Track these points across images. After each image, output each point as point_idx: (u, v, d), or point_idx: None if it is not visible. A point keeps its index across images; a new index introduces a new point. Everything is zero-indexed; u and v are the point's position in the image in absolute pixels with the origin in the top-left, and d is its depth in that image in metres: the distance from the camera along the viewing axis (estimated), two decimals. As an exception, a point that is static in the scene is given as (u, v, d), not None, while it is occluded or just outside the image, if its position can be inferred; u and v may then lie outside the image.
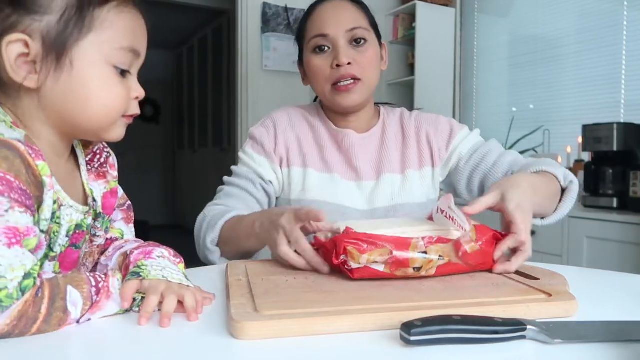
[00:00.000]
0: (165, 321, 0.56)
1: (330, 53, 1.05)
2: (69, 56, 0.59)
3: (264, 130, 1.13)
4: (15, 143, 0.54)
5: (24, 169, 0.54)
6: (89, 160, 0.71)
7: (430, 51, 3.45)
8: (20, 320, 0.50)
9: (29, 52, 0.57)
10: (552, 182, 0.94)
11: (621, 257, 2.11)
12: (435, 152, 1.13)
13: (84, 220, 0.66)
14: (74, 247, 0.66)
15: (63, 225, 0.62)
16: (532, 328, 0.51)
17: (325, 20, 1.05)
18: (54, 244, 0.62)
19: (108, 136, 0.66)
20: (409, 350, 0.48)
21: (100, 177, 0.71)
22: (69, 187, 0.64)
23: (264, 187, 1.10)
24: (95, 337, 0.53)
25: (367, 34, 1.07)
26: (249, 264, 0.80)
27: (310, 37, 1.06)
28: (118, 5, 0.62)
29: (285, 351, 0.49)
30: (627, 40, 2.64)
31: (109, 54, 0.61)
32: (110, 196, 0.72)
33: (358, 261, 0.66)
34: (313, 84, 1.10)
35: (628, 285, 0.75)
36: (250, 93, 3.35)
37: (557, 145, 2.93)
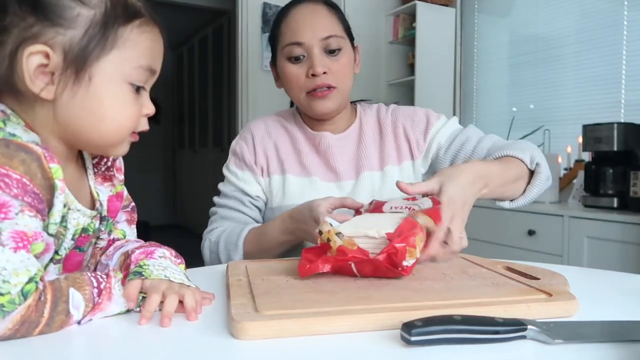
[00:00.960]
0: (166, 321, 0.56)
1: (305, 62, 1.05)
2: (89, 72, 0.58)
3: (243, 143, 1.15)
4: (34, 147, 0.54)
5: (40, 172, 0.54)
6: (95, 163, 0.71)
7: (430, 51, 3.45)
8: (22, 324, 0.50)
9: (49, 64, 0.57)
10: (515, 166, 0.94)
11: (621, 257, 2.11)
12: (413, 144, 1.13)
13: (91, 224, 0.66)
14: (78, 250, 0.66)
15: (69, 228, 0.62)
16: (533, 328, 0.51)
17: (300, 26, 1.04)
18: (60, 247, 0.62)
19: (114, 152, 0.66)
20: (410, 350, 0.48)
21: (106, 180, 0.71)
22: (77, 192, 0.64)
23: (254, 203, 1.12)
24: (96, 336, 0.53)
25: (341, 41, 1.06)
26: (249, 263, 0.80)
27: (285, 44, 1.06)
28: (141, 24, 0.62)
29: (285, 351, 0.49)
30: (627, 40, 2.64)
31: (128, 72, 0.61)
32: (116, 199, 0.72)
33: (415, 255, 0.67)
34: (288, 90, 1.10)
35: (628, 285, 0.75)
36: (250, 93, 3.35)
37: (557, 145, 2.93)
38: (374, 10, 3.61)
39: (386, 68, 3.69)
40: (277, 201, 1.10)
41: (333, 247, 0.69)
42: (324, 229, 0.71)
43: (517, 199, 0.98)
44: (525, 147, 0.99)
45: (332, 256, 0.69)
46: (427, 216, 0.72)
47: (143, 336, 0.54)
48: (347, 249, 0.68)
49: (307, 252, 0.71)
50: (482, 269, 0.76)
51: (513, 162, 0.95)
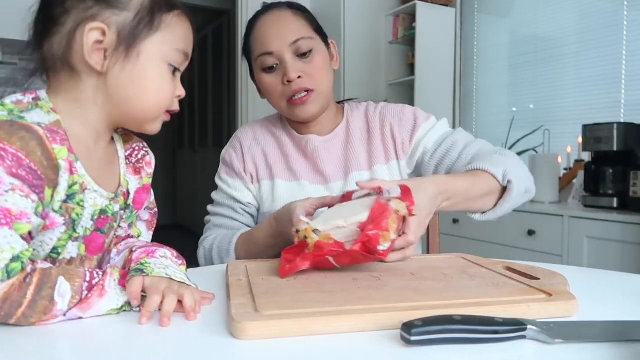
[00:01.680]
0: (165, 320, 0.56)
1: (279, 69, 1.04)
2: (137, 49, 0.66)
3: (232, 151, 1.16)
4: (34, 126, 0.59)
5: (40, 151, 0.58)
6: (127, 155, 0.76)
7: (430, 51, 3.45)
8: (4, 302, 0.53)
9: (104, 40, 0.64)
10: (485, 181, 0.94)
11: (621, 257, 2.11)
12: (398, 144, 1.12)
13: (109, 206, 0.69)
14: (99, 232, 0.69)
15: (86, 208, 0.66)
16: (533, 328, 0.51)
17: (267, 35, 1.04)
18: (77, 226, 0.65)
19: (150, 127, 0.72)
20: (410, 350, 0.48)
21: (136, 173, 0.76)
22: (102, 173, 0.69)
23: (246, 210, 1.13)
24: (96, 336, 0.54)
25: (311, 42, 1.05)
26: (249, 263, 0.80)
27: (257, 56, 1.06)
28: (179, 14, 0.70)
29: (285, 351, 0.49)
30: (627, 40, 2.64)
31: (168, 53, 0.68)
32: (143, 192, 0.77)
33: (389, 238, 0.69)
34: (269, 100, 1.11)
35: (628, 285, 0.75)
36: (250, 93, 3.35)
37: (557, 145, 2.93)
38: (374, 10, 3.61)
39: (386, 68, 3.69)
40: (267, 206, 1.11)
41: (310, 244, 0.71)
42: (300, 227, 0.73)
43: (487, 213, 0.98)
44: (501, 160, 0.97)
45: (310, 253, 0.71)
46: (399, 201, 0.73)
47: (143, 336, 0.54)
48: (324, 243, 0.70)
49: (286, 253, 0.73)
50: (482, 269, 0.76)
51: (483, 176, 0.94)
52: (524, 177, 0.98)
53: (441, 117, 1.17)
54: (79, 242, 0.66)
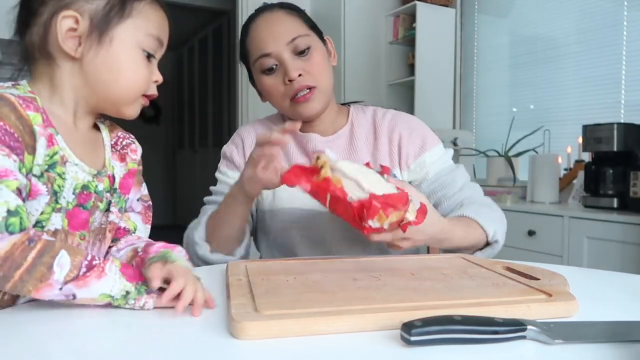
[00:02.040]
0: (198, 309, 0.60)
1: (279, 70, 1.04)
2: (109, 35, 0.69)
3: (233, 147, 1.16)
4: (5, 94, 0.61)
5: (14, 115, 0.61)
6: (113, 143, 0.79)
7: (430, 51, 3.45)
8: (5, 261, 0.55)
9: (77, 28, 0.68)
10: (477, 234, 0.99)
11: (621, 257, 2.11)
12: (403, 156, 1.11)
13: (91, 182, 0.71)
14: (82, 207, 0.70)
15: (67, 180, 0.67)
16: (533, 328, 0.51)
17: (263, 37, 1.04)
18: (59, 197, 0.67)
19: (127, 111, 0.74)
20: (410, 350, 0.48)
21: (122, 160, 0.78)
22: (85, 152, 0.71)
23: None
24: (96, 336, 0.54)
25: (308, 40, 1.04)
26: (249, 263, 0.80)
27: (255, 59, 1.05)
28: (151, 2, 0.73)
29: (285, 351, 0.49)
30: (627, 40, 2.64)
31: (141, 39, 0.71)
32: (129, 177, 0.79)
33: (383, 222, 0.71)
34: (271, 101, 1.10)
35: (628, 285, 0.75)
36: (250, 93, 3.34)
37: (557, 146, 2.93)
38: (374, 10, 3.60)
39: (386, 68, 3.69)
40: (268, 204, 1.10)
41: (322, 174, 0.73)
42: (322, 156, 0.75)
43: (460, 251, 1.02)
44: (491, 218, 1.02)
45: (316, 181, 0.74)
46: (415, 211, 0.75)
47: (143, 336, 0.54)
48: (332, 182, 0.73)
49: (297, 167, 0.77)
50: (482, 269, 0.76)
51: (476, 230, 0.99)
52: (504, 234, 1.05)
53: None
54: (62, 213, 0.68)
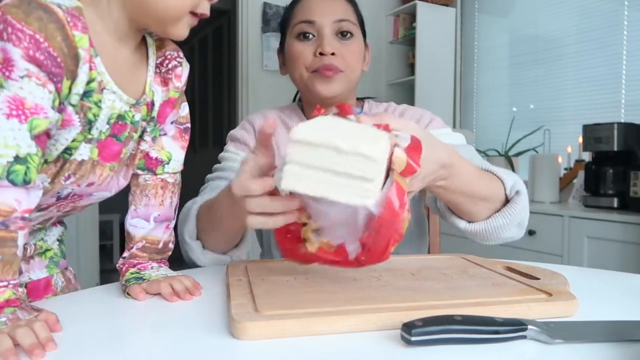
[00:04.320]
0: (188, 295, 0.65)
1: (314, 41, 1.01)
2: None
3: (244, 131, 1.11)
4: (54, 7, 0.54)
5: (60, 35, 0.54)
6: (159, 63, 0.72)
7: (430, 51, 3.45)
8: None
9: None
10: (492, 184, 0.83)
11: (622, 257, 2.11)
12: None
13: (128, 112, 0.66)
14: (115, 138, 0.66)
15: (103, 109, 0.63)
16: (533, 328, 0.51)
17: (314, 7, 1.02)
18: (93, 127, 0.63)
19: (173, 30, 0.66)
20: (410, 350, 0.48)
21: (164, 84, 0.72)
22: (125, 77, 0.65)
23: None
24: (96, 336, 0.54)
25: (354, 28, 1.03)
26: (249, 263, 0.80)
27: (296, 23, 1.03)
28: None
29: (285, 351, 0.49)
30: (627, 40, 2.64)
31: None
32: (167, 105, 0.73)
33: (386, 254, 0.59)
34: (292, 70, 1.05)
35: (628, 285, 0.75)
36: (250, 93, 3.35)
37: (557, 145, 2.93)
38: (374, 10, 3.61)
39: (386, 68, 3.69)
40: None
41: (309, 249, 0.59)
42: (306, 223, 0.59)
43: (475, 222, 0.86)
44: (512, 176, 0.86)
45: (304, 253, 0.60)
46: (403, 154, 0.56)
47: (143, 336, 0.54)
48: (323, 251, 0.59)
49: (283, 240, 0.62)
50: (482, 269, 0.76)
51: (492, 179, 0.84)
52: (527, 207, 0.87)
53: (443, 118, 1.16)
54: (92, 144, 0.64)
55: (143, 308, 0.64)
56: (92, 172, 0.66)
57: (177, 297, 0.65)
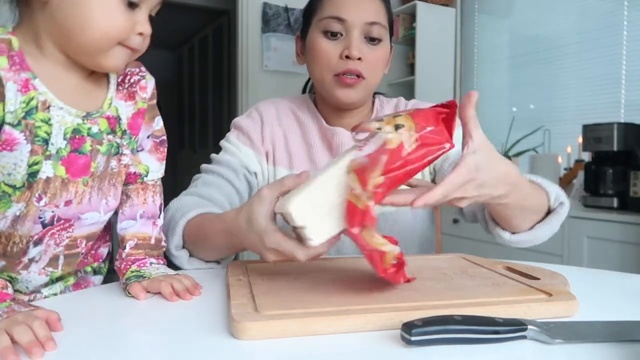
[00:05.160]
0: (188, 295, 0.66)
1: (341, 41, 0.96)
2: None
3: (250, 121, 1.07)
4: None
5: None
6: (120, 81, 0.74)
7: (430, 51, 3.45)
8: None
9: None
10: (538, 195, 0.83)
11: (621, 257, 2.11)
12: None
13: (82, 125, 0.68)
14: (77, 152, 0.68)
15: (54, 125, 0.65)
16: (533, 328, 0.51)
17: (346, 3, 0.96)
18: (49, 143, 0.65)
19: (105, 62, 0.67)
20: (410, 350, 0.48)
21: (130, 98, 0.74)
22: (77, 95, 0.68)
23: (247, 177, 1.03)
24: (96, 336, 0.53)
25: (383, 33, 0.98)
26: (249, 263, 0.80)
27: (325, 16, 0.97)
28: None
29: (285, 351, 0.49)
30: (627, 40, 2.64)
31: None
32: (137, 117, 0.75)
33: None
34: (312, 66, 1.00)
35: (628, 285, 0.75)
36: (250, 93, 3.35)
37: (557, 145, 2.93)
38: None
39: (386, 68, 3.69)
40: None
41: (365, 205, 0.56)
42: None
43: (520, 232, 0.87)
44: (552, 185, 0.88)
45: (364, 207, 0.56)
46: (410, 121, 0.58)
47: (143, 336, 0.54)
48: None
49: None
50: (482, 269, 0.76)
51: (539, 191, 0.84)
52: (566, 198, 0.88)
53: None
54: (54, 160, 0.66)
55: (143, 308, 0.64)
56: (65, 190, 0.68)
57: (178, 297, 0.66)
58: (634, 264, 2.06)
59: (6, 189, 0.65)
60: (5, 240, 0.68)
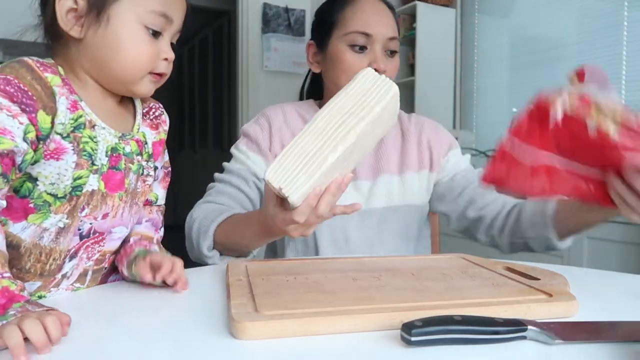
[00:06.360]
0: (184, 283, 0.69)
1: (366, 54, 1.05)
2: (107, 13, 0.69)
3: (258, 128, 1.11)
4: (25, 58, 0.65)
5: (30, 75, 0.63)
6: (145, 112, 0.82)
7: (430, 51, 3.45)
8: None
9: (77, 8, 0.69)
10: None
11: (621, 257, 2.11)
12: (434, 157, 1.13)
13: (119, 144, 0.74)
14: (114, 169, 0.73)
15: (99, 142, 0.71)
16: (533, 328, 0.51)
17: (372, 19, 1.05)
18: (95, 158, 0.70)
19: (137, 89, 0.74)
20: (410, 350, 0.48)
21: (154, 128, 0.82)
22: (115, 120, 0.75)
23: (257, 185, 1.08)
24: (94, 335, 0.54)
25: (398, 45, 1.08)
26: (249, 263, 0.80)
27: (351, 31, 1.04)
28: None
29: (285, 351, 0.49)
30: (627, 40, 2.64)
31: (142, 15, 0.70)
32: (159, 145, 0.83)
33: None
34: (337, 76, 1.06)
35: (628, 285, 0.75)
36: (250, 94, 3.35)
37: (557, 146, 2.93)
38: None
39: (386, 68, 3.68)
40: None
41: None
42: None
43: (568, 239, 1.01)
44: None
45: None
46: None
47: (143, 335, 0.54)
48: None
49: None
50: (482, 269, 0.76)
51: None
52: None
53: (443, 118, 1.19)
54: (98, 175, 0.70)
55: (143, 308, 0.64)
56: (104, 203, 0.72)
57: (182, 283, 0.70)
58: (634, 264, 2.06)
59: (47, 198, 0.67)
60: (45, 258, 0.69)
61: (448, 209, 1.13)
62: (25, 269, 0.68)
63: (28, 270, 0.68)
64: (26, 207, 0.66)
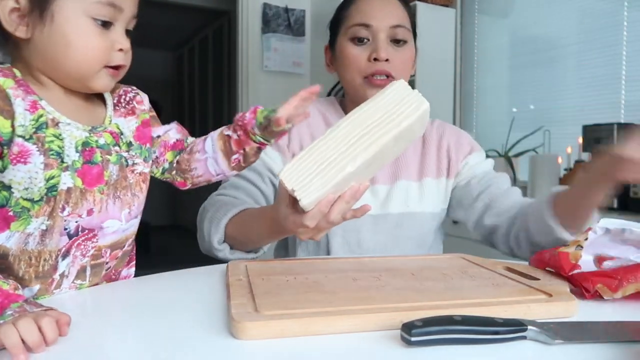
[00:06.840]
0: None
1: (368, 45, 1.03)
2: (50, 10, 0.66)
3: None
4: None
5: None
6: (116, 102, 0.79)
7: (430, 51, 3.45)
8: None
9: (20, 7, 0.66)
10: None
11: (622, 258, 2.11)
12: (452, 163, 1.12)
13: (90, 137, 0.71)
14: (90, 164, 0.71)
15: (65, 138, 0.69)
16: (533, 328, 0.51)
17: (370, 9, 1.04)
18: (64, 156, 0.68)
19: (93, 85, 0.71)
20: (410, 350, 0.48)
21: (130, 114, 0.79)
22: (82, 115, 0.72)
23: (272, 180, 1.07)
24: (96, 336, 0.54)
25: (408, 35, 1.05)
26: (249, 263, 0.80)
27: (351, 24, 1.04)
28: None
29: (285, 351, 0.49)
30: (627, 40, 2.64)
31: (87, 7, 0.67)
32: (143, 127, 0.79)
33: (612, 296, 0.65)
34: (343, 72, 1.07)
35: (628, 286, 0.75)
36: (250, 94, 3.35)
37: (557, 146, 2.93)
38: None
39: (386, 68, 3.69)
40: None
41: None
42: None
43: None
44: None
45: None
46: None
47: (143, 335, 0.54)
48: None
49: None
50: (482, 269, 0.76)
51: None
52: None
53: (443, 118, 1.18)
54: (71, 172, 0.69)
55: (143, 308, 0.64)
56: (84, 199, 0.70)
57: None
58: (634, 264, 2.06)
59: (25, 204, 0.66)
60: (36, 261, 0.69)
61: (465, 215, 1.10)
62: (19, 276, 0.68)
63: (22, 277, 0.68)
64: (6, 216, 0.66)
